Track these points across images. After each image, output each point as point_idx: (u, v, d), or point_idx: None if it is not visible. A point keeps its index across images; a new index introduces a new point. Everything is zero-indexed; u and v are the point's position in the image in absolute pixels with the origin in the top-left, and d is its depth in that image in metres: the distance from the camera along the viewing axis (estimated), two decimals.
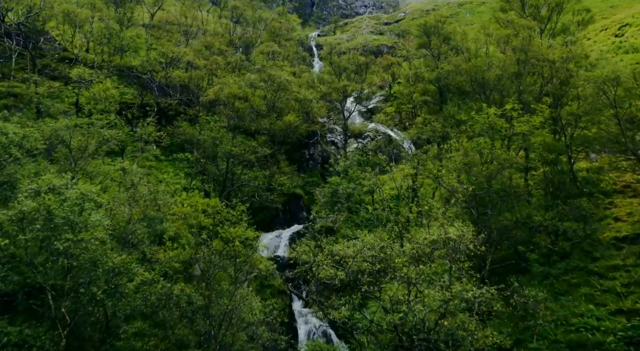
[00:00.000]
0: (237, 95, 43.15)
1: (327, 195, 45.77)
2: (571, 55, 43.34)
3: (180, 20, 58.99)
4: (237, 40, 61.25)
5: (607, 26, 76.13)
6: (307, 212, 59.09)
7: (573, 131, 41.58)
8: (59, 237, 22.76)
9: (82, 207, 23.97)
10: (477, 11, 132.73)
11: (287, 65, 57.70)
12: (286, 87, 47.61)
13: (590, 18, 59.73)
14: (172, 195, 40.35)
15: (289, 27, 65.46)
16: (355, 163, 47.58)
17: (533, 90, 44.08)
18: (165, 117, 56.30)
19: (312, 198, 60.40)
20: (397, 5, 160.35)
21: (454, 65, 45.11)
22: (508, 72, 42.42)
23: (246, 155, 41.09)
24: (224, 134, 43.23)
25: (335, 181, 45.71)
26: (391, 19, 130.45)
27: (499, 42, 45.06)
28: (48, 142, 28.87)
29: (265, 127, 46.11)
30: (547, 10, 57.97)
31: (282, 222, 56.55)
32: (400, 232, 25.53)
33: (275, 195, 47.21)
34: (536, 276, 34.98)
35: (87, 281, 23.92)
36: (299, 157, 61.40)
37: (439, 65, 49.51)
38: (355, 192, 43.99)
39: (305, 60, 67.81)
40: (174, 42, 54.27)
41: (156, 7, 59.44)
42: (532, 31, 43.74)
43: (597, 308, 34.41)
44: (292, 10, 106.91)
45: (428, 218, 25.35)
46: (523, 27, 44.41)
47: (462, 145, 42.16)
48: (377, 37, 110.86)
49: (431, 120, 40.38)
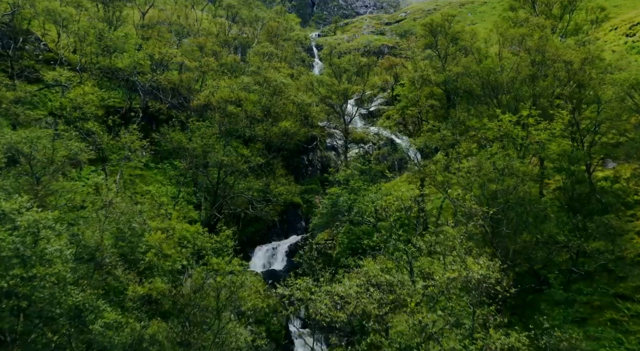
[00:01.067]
0: (229, 99, 39.02)
1: (327, 207, 41.67)
2: (590, 55, 39.23)
3: (172, 19, 54.76)
4: (232, 40, 57.04)
5: (616, 25, 71.89)
6: (305, 222, 54.99)
7: (592, 138, 37.46)
8: (4, 274, 18.71)
9: (36, 236, 19.89)
10: (479, 11, 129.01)
11: (284, 67, 53.51)
12: (282, 90, 43.50)
13: (605, 17, 55.52)
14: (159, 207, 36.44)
15: (287, 27, 61.29)
16: (357, 172, 43.42)
17: (547, 93, 39.92)
18: (156, 122, 52.20)
19: (311, 207, 56.22)
20: (398, 5, 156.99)
21: (464, 66, 40.92)
22: (522, 75, 38.28)
23: (238, 165, 36.93)
24: (215, 142, 39.11)
25: (335, 192, 41.58)
26: (392, 19, 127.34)
27: (512, 42, 40.86)
28: (7, 156, 24.71)
29: (260, 133, 42.00)
30: (559, 8, 53.86)
31: (278, 232, 52.47)
32: (410, 262, 21.44)
33: (271, 207, 43.12)
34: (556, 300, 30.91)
35: (42, 323, 19.87)
36: (297, 163, 57.32)
37: (446, 66, 45.31)
38: (356, 204, 39.94)
39: (304, 61, 63.59)
40: (164, 42, 50.12)
41: (147, 6, 55.23)
42: (548, 30, 39.45)
43: (626, 337, 30.52)
44: (291, 9, 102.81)
45: (442, 246, 21.22)
46: (538, 26, 40.16)
47: (471, 152, 38.13)
48: (378, 37, 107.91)
49: (440, 128, 36.15)
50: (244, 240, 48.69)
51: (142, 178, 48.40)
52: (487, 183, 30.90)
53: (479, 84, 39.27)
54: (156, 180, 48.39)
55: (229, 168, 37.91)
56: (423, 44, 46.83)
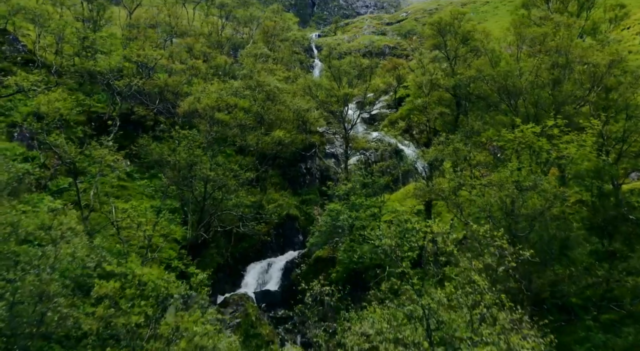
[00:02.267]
0: (217, 106, 34.14)
1: (326, 224, 36.81)
2: (618, 57, 34.36)
3: (159, 18, 49.76)
4: (226, 40, 52.08)
5: (628, 25, 67.13)
6: (303, 236, 49.99)
7: (621, 148, 32.48)
8: None
9: None
10: (481, 10, 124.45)
11: (280, 69, 48.52)
12: (277, 95, 38.58)
13: (625, 14, 50.44)
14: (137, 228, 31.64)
15: (284, 27, 56.28)
16: (359, 186, 38.47)
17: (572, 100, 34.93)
18: (142, 128, 47.40)
19: (309, 219, 51.29)
20: (399, 5, 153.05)
21: (477, 69, 35.93)
22: (542, 79, 33.33)
23: (227, 180, 32.04)
24: (202, 153, 34.20)
25: (334, 208, 36.68)
26: (393, 19, 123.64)
27: (531, 43, 35.85)
28: None
29: (252, 143, 37.07)
30: (575, 5, 48.89)
31: (274, 247, 47.42)
32: (427, 315, 16.64)
33: (264, 225, 38.22)
34: (594, 344, 25.93)
35: None
36: (294, 172, 52.30)
37: (455, 69, 40.31)
38: (358, 223, 35.14)
39: (302, 62, 58.50)
40: (149, 43, 45.19)
41: (135, 5, 50.15)
42: (575, 29, 34.49)
43: None
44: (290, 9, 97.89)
45: (467, 298, 16.41)
46: (562, 24, 35.16)
47: (486, 165, 33.28)
48: (379, 38, 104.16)
49: (453, 140, 31.18)
50: (236, 257, 43.91)
51: (124, 191, 43.52)
52: (508, 204, 26.03)
53: (494, 89, 34.27)
54: (140, 192, 43.49)
55: (216, 183, 32.98)
56: (431, 45, 41.80)
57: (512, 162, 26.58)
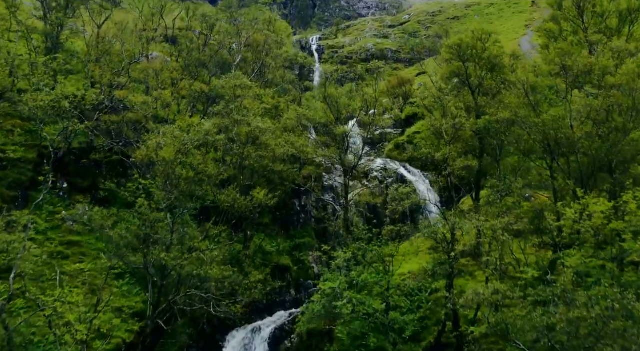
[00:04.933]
0: (178, 161, 24.63)
1: (320, 305, 27.31)
2: None
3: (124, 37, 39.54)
4: (209, 58, 42.20)
5: None
6: (295, 290, 40.54)
7: None
8: None
9: None
10: (486, 13, 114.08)
11: (268, 94, 38.63)
12: (259, 137, 28.98)
13: None
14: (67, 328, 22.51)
15: (276, 40, 46.30)
16: (364, 243, 28.96)
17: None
18: (107, 166, 37.92)
19: (304, 268, 41.66)
20: (400, 7, 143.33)
21: (512, 111, 26.06)
22: (606, 127, 23.58)
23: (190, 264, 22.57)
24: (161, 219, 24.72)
25: (330, 287, 27.19)
26: (396, 22, 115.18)
27: (577, 76, 25.87)
28: None
29: (226, 204, 27.43)
30: (616, 19, 38.84)
31: (260, 308, 37.91)
32: None
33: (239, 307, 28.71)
34: None
35: None
36: (287, 211, 42.58)
37: (478, 101, 30.41)
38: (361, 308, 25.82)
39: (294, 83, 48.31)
40: (112, 66, 35.42)
41: (103, 18, 39.90)
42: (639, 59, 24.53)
43: None
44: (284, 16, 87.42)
45: None
46: (623, 52, 25.23)
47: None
48: (381, 41, 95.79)
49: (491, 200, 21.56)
50: (214, 324, 34.57)
51: (75, 249, 33.92)
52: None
53: (537, 140, 24.47)
54: (97, 248, 33.88)
55: (177, 265, 23.49)
56: (449, 72, 31.73)
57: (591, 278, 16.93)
